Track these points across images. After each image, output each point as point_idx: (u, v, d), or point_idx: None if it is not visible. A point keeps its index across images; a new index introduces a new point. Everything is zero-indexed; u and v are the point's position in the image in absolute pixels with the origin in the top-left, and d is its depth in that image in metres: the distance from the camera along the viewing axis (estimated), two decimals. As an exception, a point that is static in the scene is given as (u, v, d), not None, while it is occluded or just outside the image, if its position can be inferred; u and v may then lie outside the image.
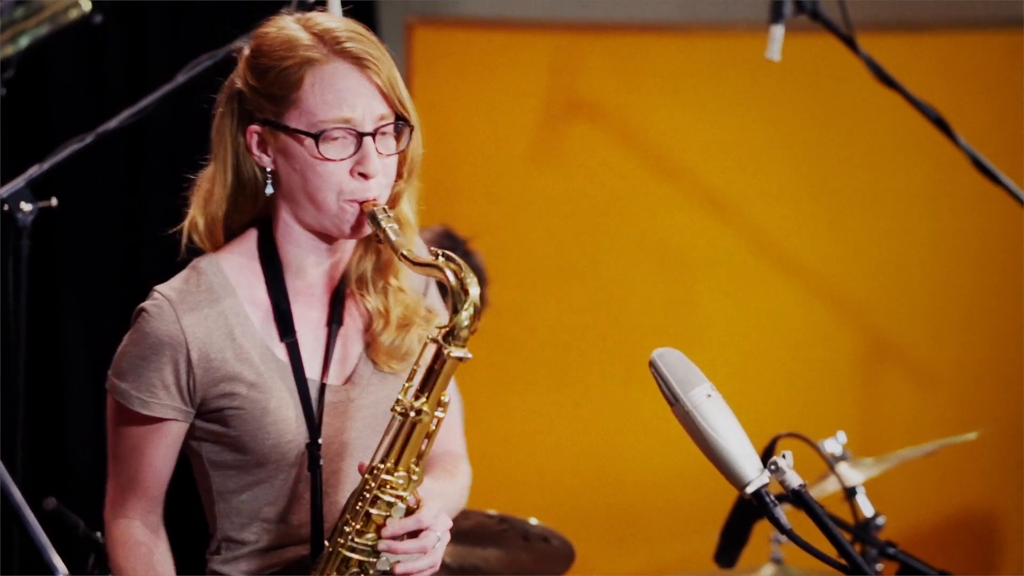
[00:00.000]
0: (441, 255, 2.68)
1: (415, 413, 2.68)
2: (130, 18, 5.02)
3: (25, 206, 3.75)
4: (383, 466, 2.69)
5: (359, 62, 2.73)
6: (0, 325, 3.89)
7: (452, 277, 2.65)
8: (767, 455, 2.47)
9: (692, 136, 5.61)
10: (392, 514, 2.70)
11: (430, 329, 2.77)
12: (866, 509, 4.16)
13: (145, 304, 2.77)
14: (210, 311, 2.76)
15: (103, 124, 3.89)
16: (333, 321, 2.81)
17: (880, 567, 4.11)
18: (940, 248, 5.58)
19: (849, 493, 4.17)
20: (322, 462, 2.76)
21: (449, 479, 2.90)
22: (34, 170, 3.80)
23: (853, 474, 4.21)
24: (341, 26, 2.76)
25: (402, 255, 2.68)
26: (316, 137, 2.71)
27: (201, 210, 2.83)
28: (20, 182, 3.77)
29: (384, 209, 2.71)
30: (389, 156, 2.75)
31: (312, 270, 2.82)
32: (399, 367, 2.82)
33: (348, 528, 2.71)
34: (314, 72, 2.73)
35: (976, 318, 5.58)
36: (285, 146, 2.75)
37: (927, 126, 4.45)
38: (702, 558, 4.36)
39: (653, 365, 2.45)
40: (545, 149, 5.59)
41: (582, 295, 5.60)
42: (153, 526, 2.85)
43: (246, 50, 2.81)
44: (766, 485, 2.39)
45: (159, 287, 2.79)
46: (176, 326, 2.74)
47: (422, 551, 2.69)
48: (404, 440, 2.69)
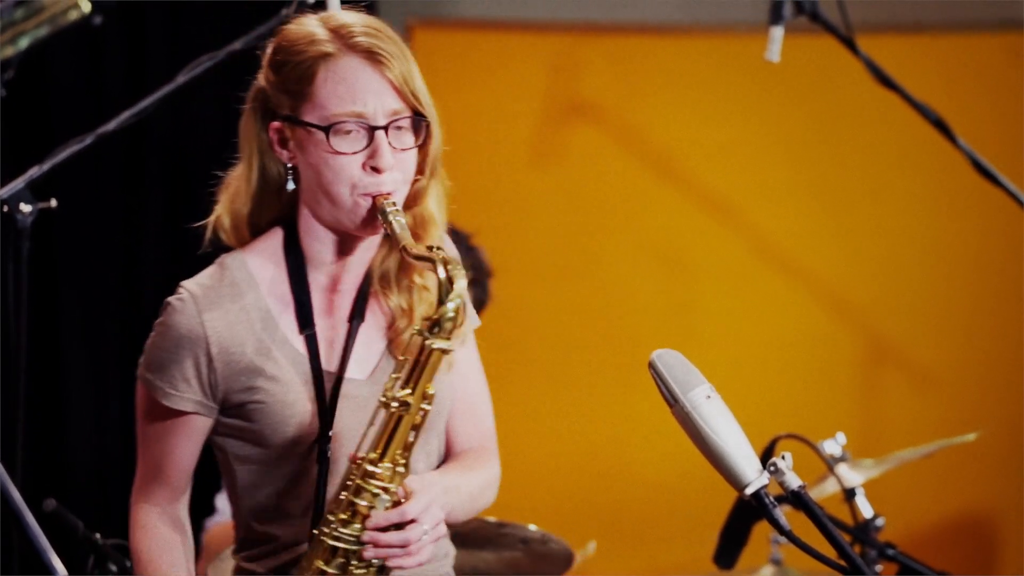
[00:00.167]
0: (437, 249, 2.71)
1: (400, 405, 2.70)
2: (130, 19, 5.02)
3: (25, 207, 3.75)
4: (368, 457, 2.71)
5: (372, 56, 2.74)
6: (0, 326, 3.89)
7: (442, 270, 2.67)
8: (766, 456, 2.47)
9: (692, 137, 5.60)
10: (376, 505, 2.71)
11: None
12: (865, 510, 4.15)
13: (170, 298, 2.81)
14: (232, 306, 2.79)
15: (103, 125, 3.89)
16: (355, 316, 2.82)
17: (879, 568, 4.11)
18: (940, 250, 5.58)
19: (848, 494, 4.17)
20: (330, 454, 2.77)
21: (462, 473, 2.89)
22: (34, 171, 3.79)
23: (852, 475, 4.20)
24: (358, 21, 2.79)
25: (402, 248, 2.70)
26: (327, 130, 2.73)
27: (227, 207, 2.86)
28: (20, 183, 3.76)
29: (393, 203, 2.73)
30: (404, 151, 2.77)
31: (334, 266, 2.83)
32: None
33: (332, 517, 2.73)
34: (327, 66, 2.75)
35: (976, 319, 5.58)
36: (302, 141, 2.77)
37: (927, 128, 4.45)
38: (701, 559, 4.36)
39: (652, 366, 2.45)
40: (545, 150, 5.59)
41: (581, 296, 5.60)
42: (174, 514, 2.88)
43: (268, 48, 2.84)
44: (765, 486, 2.39)
45: (185, 282, 2.82)
46: (197, 320, 2.77)
47: (404, 543, 2.70)
48: (390, 432, 2.71)
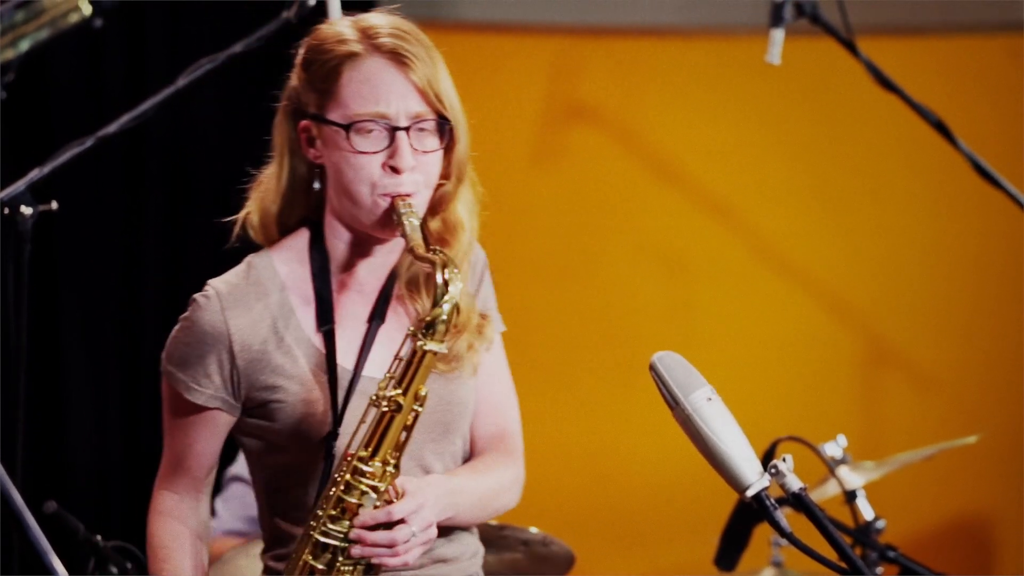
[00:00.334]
0: (440, 252, 2.73)
1: (392, 405, 2.71)
2: (130, 22, 5.02)
3: (25, 210, 3.75)
4: (359, 454, 2.72)
5: (397, 58, 2.76)
6: (0, 328, 3.89)
7: (440, 273, 2.70)
8: (767, 458, 2.47)
9: (692, 140, 5.60)
10: (364, 503, 2.72)
11: (480, 337, 2.85)
12: (866, 512, 4.16)
13: (196, 295, 2.83)
14: (256, 304, 2.80)
15: (103, 128, 3.89)
16: (375, 317, 2.83)
17: (880, 570, 4.11)
18: (940, 252, 5.58)
19: (849, 496, 4.18)
20: (335, 451, 2.77)
21: (473, 476, 2.88)
22: (34, 174, 3.80)
23: (853, 477, 4.21)
24: (386, 23, 2.80)
25: (409, 248, 2.72)
26: (348, 128, 2.75)
27: (257, 205, 2.88)
28: (20, 185, 3.77)
29: (410, 205, 2.74)
30: (426, 153, 2.78)
31: (358, 267, 2.84)
32: (445, 368, 2.83)
33: (321, 512, 2.73)
34: (352, 66, 2.77)
35: (976, 322, 5.57)
36: (327, 140, 2.79)
37: (927, 130, 4.45)
38: (702, 561, 4.36)
39: (653, 368, 2.45)
40: (546, 152, 5.59)
41: (582, 298, 5.60)
42: (194, 505, 2.89)
43: (301, 47, 2.86)
44: (766, 488, 2.39)
45: (212, 280, 2.85)
46: (220, 317, 2.79)
47: (391, 544, 2.70)
48: (382, 431, 2.72)
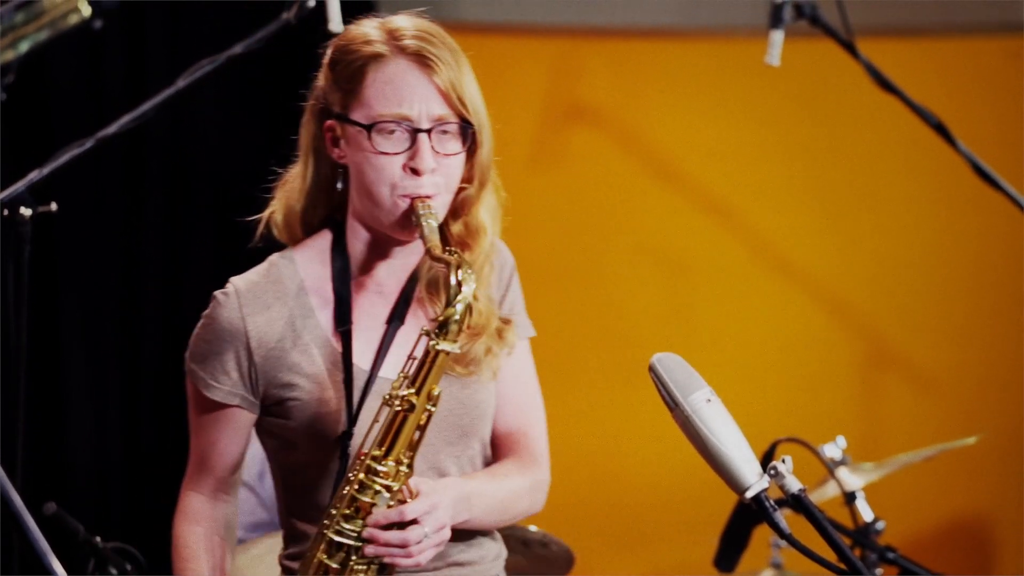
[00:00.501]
0: (456, 253, 2.74)
1: (405, 404, 2.72)
2: (130, 23, 5.02)
3: (25, 211, 3.75)
4: (372, 453, 2.72)
5: (421, 60, 2.78)
6: (0, 328, 3.89)
7: (454, 273, 2.71)
8: (767, 460, 2.48)
9: (692, 141, 5.60)
10: (377, 502, 2.72)
11: (501, 341, 2.85)
12: (866, 514, 4.16)
13: (217, 292, 2.85)
14: (275, 303, 2.82)
15: (103, 129, 3.89)
16: (393, 319, 2.84)
17: (880, 572, 4.11)
18: (940, 253, 5.58)
19: (849, 498, 4.18)
20: (350, 450, 2.78)
21: (491, 479, 2.88)
22: (34, 175, 3.79)
23: (853, 479, 4.21)
24: (412, 25, 2.82)
25: (427, 249, 2.73)
26: (370, 129, 2.76)
27: (281, 203, 2.90)
28: (20, 187, 3.77)
29: (428, 206, 2.75)
30: (448, 156, 2.79)
31: (378, 268, 2.85)
32: (463, 371, 2.84)
33: (335, 511, 2.74)
34: (377, 67, 2.78)
35: (976, 323, 5.57)
36: (350, 139, 2.80)
37: (927, 131, 4.45)
38: (702, 563, 4.36)
39: (652, 370, 2.45)
40: (545, 154, 5.59)
41: (581, 299, 5.60)
42: (217, 505, 2.90)
43: (328, 48, 2.87)
44: (766, 490, 2.39)
45: (234, 277, 2.86)
46: (238, 315, 2.81)
47: (403, 543, 2.70)
48: (396, 430, 2.72)
